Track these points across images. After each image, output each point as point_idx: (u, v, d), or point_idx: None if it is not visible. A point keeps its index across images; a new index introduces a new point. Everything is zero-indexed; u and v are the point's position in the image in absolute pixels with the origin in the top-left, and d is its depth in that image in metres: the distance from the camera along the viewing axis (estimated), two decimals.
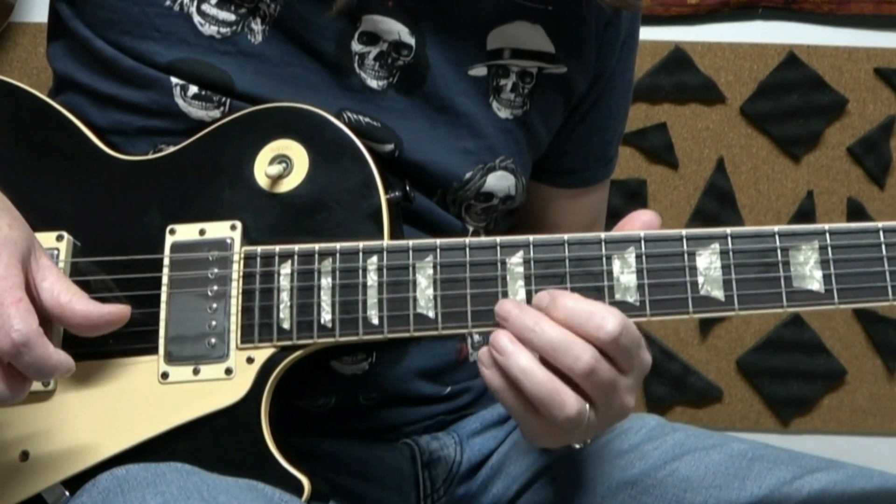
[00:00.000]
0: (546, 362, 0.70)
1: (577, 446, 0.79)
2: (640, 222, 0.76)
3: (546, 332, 0.70)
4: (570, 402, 0.69)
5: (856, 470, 0.87)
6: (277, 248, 0.79)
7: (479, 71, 0.92)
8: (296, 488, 0.76)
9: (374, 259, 0.77)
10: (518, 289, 0.75)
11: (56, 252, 0.79)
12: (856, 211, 1.87)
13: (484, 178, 0.93)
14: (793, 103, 1.85)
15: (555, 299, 0.71)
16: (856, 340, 1.89)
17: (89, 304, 0.71)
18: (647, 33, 1.69)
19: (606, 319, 0.70)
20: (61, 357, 0.69)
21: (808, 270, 0.74)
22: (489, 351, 0.72)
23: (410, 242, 0.77)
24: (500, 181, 0.94)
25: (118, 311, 0.73)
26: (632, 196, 1.85)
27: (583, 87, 0.99)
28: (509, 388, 0.71)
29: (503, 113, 0.94)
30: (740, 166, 1.87)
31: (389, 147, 0.88)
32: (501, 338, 0.71)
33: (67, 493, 0.76)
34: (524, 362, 0.70)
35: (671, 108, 1.86)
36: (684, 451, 0.93)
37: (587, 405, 0.70)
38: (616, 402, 0.72)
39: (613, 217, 1.99)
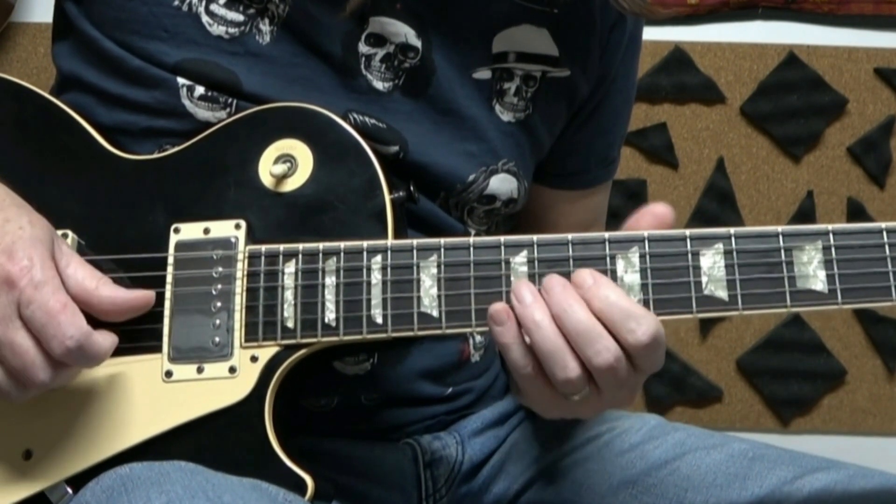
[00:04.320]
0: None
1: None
2: (651, 215, 0.76)
3: (576, 314, 0.70)
4: (571, 365, 0.70)
5: (856, 470, 0.88)
6: (282, 246, 0.79)
7: (484, 74, 0.92)
8: (299, 487, 0.75)
9: (379, 258, 0.77)
10: None
11: None
12: (856, 211, 1.87)
13: (487, 181, 0.93)
14: (793, 103, 1.85)
15: (598, 286, 0.71)
16: (856, 340, 1.89)
17: (116, 290, 0.72)
18: (647, 33, 1.68)
19: (641, 325, 0.70)
20: (108, 342, 0.71)
21: (812, 270, 0.74)
22: (505, 305, 0.72)
23: (414, 242, 0.77)
24: (502, 184, 0.94)
25: (144, 296, 0.74)
26: (632, 196, 1.84)
27: (586, 91, 0.99)
28: (519, 343, 0.71)
29: (506, 116, 0.94)
30: (740, 166, 1.87)
31: (394, 149, 0.88)
32: (524, 289, 0.72)
33: (70, 492, 0.76)
34: (539, 316, 0.70)
35: (671, 108, 1.86)
36: (685, 450, 0.93)
37: (585, 377, 0.71)
38: (621, 393, 0.73)
39: (613, 217, 1.98)
